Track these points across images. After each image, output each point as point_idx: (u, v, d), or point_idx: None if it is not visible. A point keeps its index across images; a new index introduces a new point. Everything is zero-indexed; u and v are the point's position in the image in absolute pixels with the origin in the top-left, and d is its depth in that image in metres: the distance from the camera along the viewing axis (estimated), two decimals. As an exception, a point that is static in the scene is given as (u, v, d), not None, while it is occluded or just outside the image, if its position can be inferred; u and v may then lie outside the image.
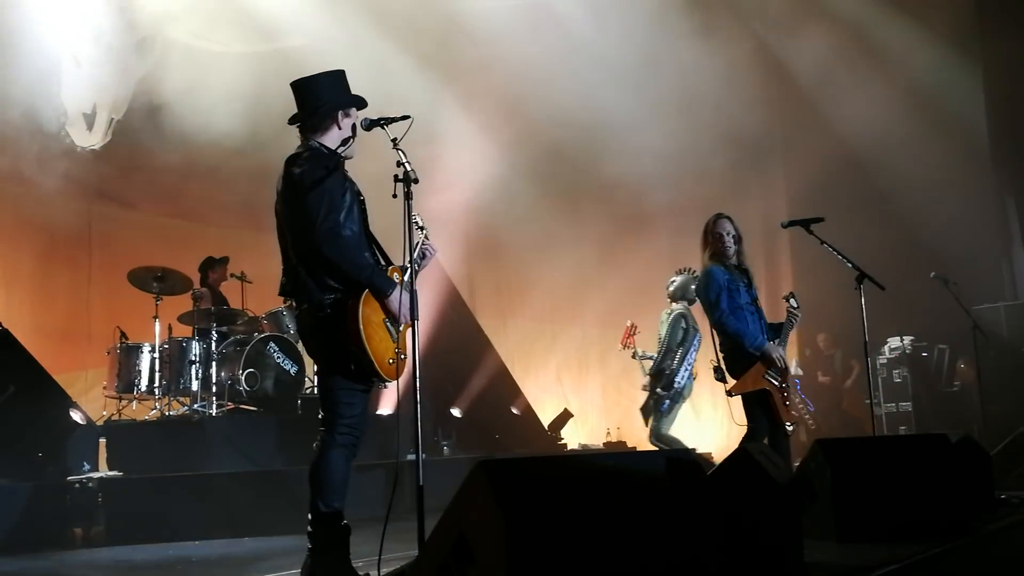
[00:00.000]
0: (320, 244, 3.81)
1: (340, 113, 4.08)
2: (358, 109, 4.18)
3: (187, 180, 10.40)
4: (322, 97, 4.08)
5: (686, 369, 7.97)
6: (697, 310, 7.36)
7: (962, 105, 10.95)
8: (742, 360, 5.67)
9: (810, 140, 11.44)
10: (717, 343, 5.81)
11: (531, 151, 11.33)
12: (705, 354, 6.74)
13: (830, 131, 11.14)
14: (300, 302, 4.00)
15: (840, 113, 11.15)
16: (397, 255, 4.12)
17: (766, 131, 11.88)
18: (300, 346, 6.97)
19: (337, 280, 3.88)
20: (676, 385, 7.93)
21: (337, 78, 4.17)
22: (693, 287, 7.49)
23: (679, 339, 7.98)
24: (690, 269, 7.85)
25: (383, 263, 4.13)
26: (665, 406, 7.93)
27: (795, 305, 6.02)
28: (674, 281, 8.15)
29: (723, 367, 5.80)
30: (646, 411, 8.09)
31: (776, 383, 5.67)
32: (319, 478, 3.87)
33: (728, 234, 5.82)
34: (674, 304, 8.15)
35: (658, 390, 7.96)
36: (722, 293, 5.66)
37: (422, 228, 4.14)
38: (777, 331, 5.89)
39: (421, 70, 10.64)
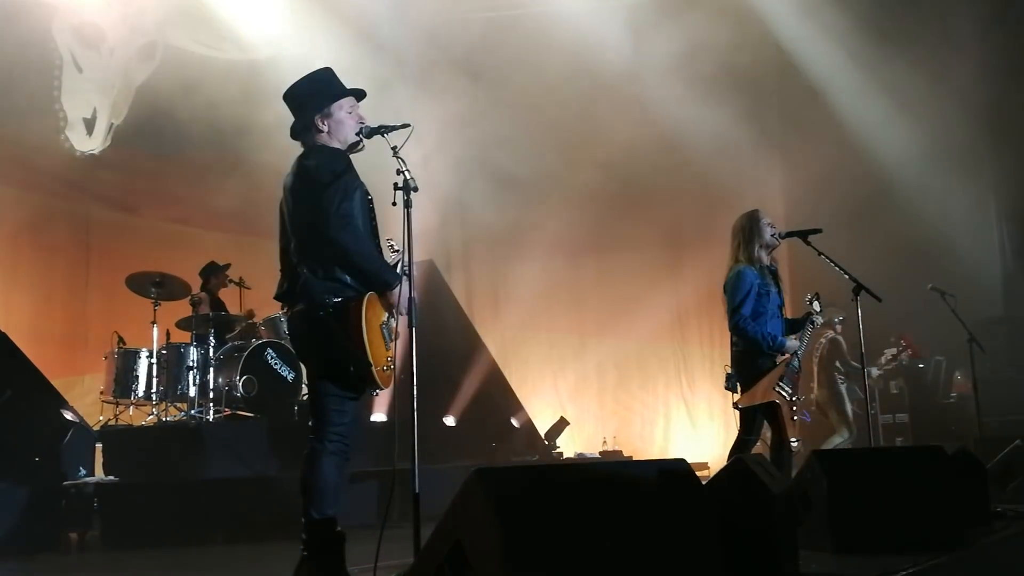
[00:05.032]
0: (334, 231, 3.78)
1: (332, 107, 4.03)
2: (357, 99, 4.13)
3: (186, 185, 10.43)
4: (306, 103, 4.05)
5: None
6: None
7: (960, 119, 10.96)
8: (752, 370, 5.47)
9: (809, 151, 11.45)
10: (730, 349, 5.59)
11: (530, 156, 11.34)
12: (723, 358, 6.58)
13: (829, 142, 11.16)
14: (295, 303, 3.94)
15: (840, 124, 11.17)
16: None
17: (764, 141, 11.88)
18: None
19: (346, 269, 3.84)
20: None
21: (319, 78, 4.11)
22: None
23: None
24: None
25: None
26: None
27: (817, 309, 5.72)
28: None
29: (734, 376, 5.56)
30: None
31: (787, 395, 5.42)
32: (310, 486, 3.85)
33: (771, 225, 5.63)
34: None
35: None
36: (748, 297, 5.42)
37: (397, 251, 4.10)
38: (793, 328, 5.67)
39: (418, 75, 10.67)
